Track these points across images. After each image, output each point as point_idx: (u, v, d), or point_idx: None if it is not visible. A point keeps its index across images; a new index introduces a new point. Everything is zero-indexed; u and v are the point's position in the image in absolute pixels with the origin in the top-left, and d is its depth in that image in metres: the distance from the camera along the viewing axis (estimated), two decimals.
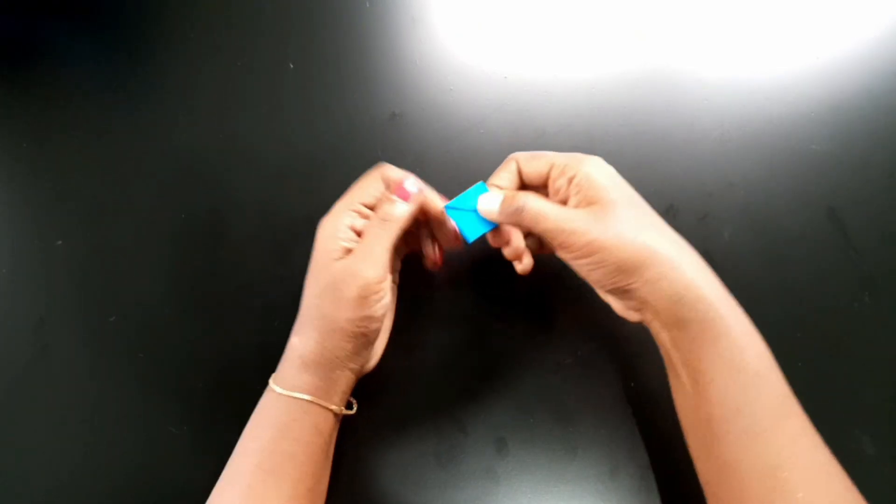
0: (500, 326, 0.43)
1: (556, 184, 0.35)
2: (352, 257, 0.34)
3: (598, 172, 0.34)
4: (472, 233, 0.37)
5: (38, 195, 0.47)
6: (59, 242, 0.45)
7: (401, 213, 0.35)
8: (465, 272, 0.43)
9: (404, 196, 0.35)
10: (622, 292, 0.34)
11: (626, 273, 0.32)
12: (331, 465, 0.37)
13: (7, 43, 0.51)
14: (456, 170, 0.44)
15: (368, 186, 0.36)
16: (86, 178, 0.47)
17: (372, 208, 0.36)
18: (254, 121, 0.47)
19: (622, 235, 0.32)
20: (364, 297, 0.33)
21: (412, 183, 0.36)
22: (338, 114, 0.47)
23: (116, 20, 0.51)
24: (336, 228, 0.35)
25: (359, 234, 0.36)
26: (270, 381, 0.36)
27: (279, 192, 0.46)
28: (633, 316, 0.36)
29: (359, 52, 0.49)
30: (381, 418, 0.40)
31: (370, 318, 0.34)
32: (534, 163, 0.36)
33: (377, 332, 0.36)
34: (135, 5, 0.51)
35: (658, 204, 0.44)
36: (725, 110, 0.46)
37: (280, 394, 0.35)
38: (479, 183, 0.37)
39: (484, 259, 0.44)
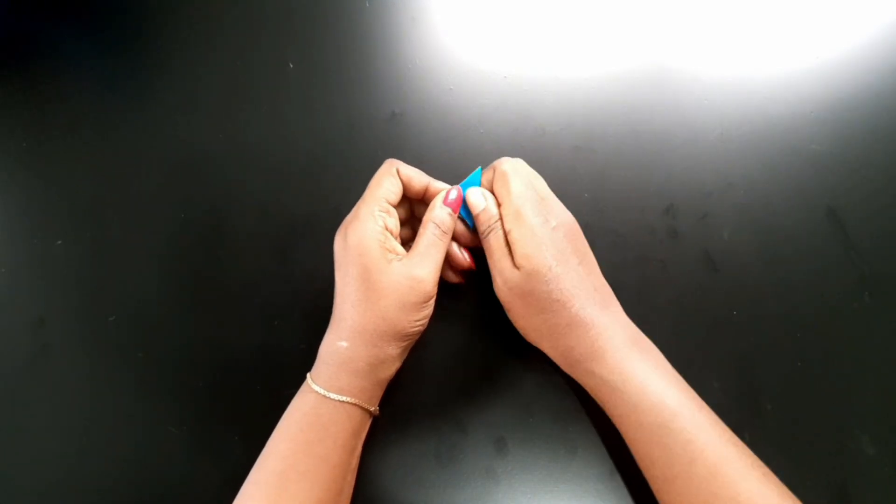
0: (500, 326, 0.42)
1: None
2: (412, 263, 0.35)
3: (527, 241, 0.35)
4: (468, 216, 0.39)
5: (38, 195, 0.47)
6: (59, 242, 0.45)
7: (453, 223, 0.37)
8: (464, 271, 0.43)
9: (456, 208, 0.37)
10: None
11: (527, 335, 0.38)
12: (358, 465, 0.37)
13: (7, 42, 0.51)
14: (456, 169, 0.44)
15: (388, 184, 0.37)
16: (86, 178, 0.47)
17: (393, 205, 0.37)
18: (253, 120, 0.47)
19: (528, 309, 0.36)
20: (425, 302, 0.35)
21: (455, 193, 0.38)
22: (338, 113, 0.47)
23: (116, 20, 0.51)
24: (375, 231, 0.35)
25: (391, 232, 0.37)
26: (310, 381, 0.36)
27: (279, 192, 0.46)
28: None
29: (359, 52, 0.49)
30: (381, 418, 0.40)
31: (426, 318, 0.36)
32: (496, 186, 0.37)
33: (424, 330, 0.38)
34: (135, 5, 0.51)
35: (658, 203, 0.44)
36: (725, 110, 0.46)
37: (323, 396, 0.35)
38: (478, 169, 0.38)
39: (483, 259, 0.44)
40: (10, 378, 0.43)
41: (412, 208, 0.41)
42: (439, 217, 0.37)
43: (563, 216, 0.36)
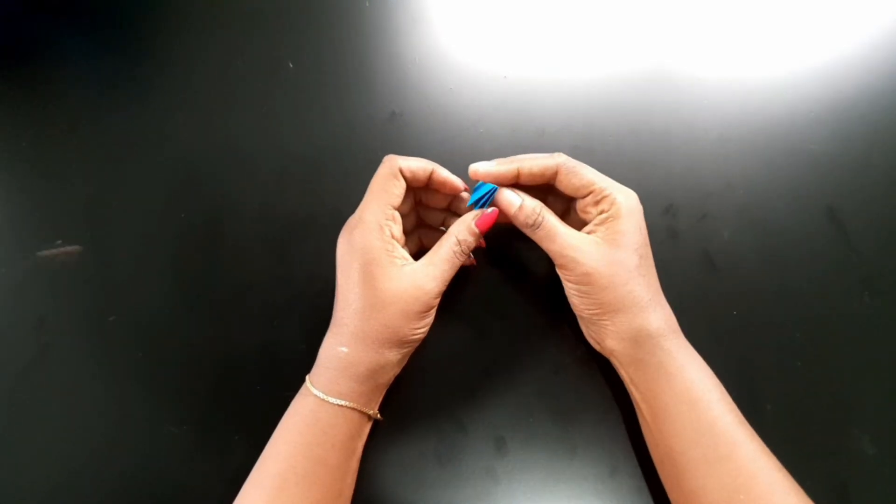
0: (500, 326, 0.43)
1: (587, 206, 0.37)
2: (423, 273, 0.35)
3: (627, 217, 0.35)
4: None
5: (37, 195, 0.47)
6: (59, 242, 0.45)
7: (476, 244, 0.37)
8: (464, 271, 0.43)
9: (484, 229, 0.37)
10: (591, 322, 0.37)
11: (602, 310, 0.36)
12: (358, 468, 0.37)
13: (6, 43, 0.51)
14: (455, 169, 0.44)
15: (393, 188, 0.36)
16: (85, 178, 0.47)
17: (398, 208, 0.37)
18: (253, 120, 0.47)
19: (615, 279, 0.35)
20: (426, 311, 0.36)
21: (490, 215, 0.37)
22: (338, 113, 0.47)
23: (116, 20, 0.51)
24: (382, 240, 0.35)
25: (398, 241, 0.36)
26: (309, 385, 0.36)
27: (279, 192, 0.46)
28: (595, 345, 0.39)
29: (359, 52, 0.49)
30: (383, 421, 0.40)
31: (428, 325, 0.37)
32: (573, 178, 0.37)
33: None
34: (134, 5, 0.51)
35: (658, 204, 0.44)
36: (725, 110, 0.46)
37: (321, 399, 0.35)
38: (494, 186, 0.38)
39: (484, 258, 0.44)
40: (10, 378, 0.43)
41: (414, 199, 0.40)
42: (464, 236, 0.36)
43: (634, 193, 0.37)
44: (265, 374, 0.42)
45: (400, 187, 0.36)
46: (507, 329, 0.42)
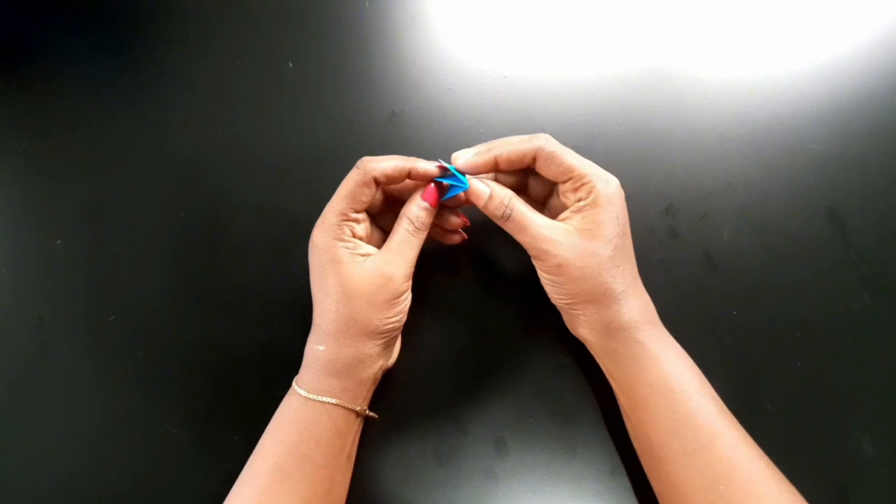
0: (500, 325, 0.43)
1: (567, 192, 0.36)
2: (383, 260, 0.35)
3: (605, 206, 0.35)
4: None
5: (37, 195, 0.47)
6: (59, 242, 0.45)
7: (430, 217, 0.37)
8: (463, 271, 0.43)
9: (432, 201, 0.36)
10: (565, 311, 0.38)
11: (574, 300, 0.36)
12: (352, 468, 0.38)
13: (6, 42, 0.51)
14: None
15: (358, 194, 0.36)
16: (85, 178, 0.47)
17: (363, 212, 0.37)
18: (253, 120, 0.47)
19: (586, 271, 0.34)
20: (395, 299, 0.35)
21: (431, 191, 0.37)
22: (337, 113, 0.47)
23: (116, 19, 0.51)
24: (339, 237, 0.35)
25: (358, 238, 0.36)
26: (294, 384, 0.36)
27: (279, 192, 0.46)
28: (573, 332, 0.39)
29: (358, 52, 0.49)
30: (380, 418, 0.40)
31: (402, 314, 0.36)
32: (551, 164, 0.36)
33: (402, 326, 0.37)
34: (134, 5, 0.51)
35: (658, 203, 0.44)
36: (725, 110, 0.46)
37: (305, 397, 0.35)
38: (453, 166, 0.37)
39: (483, 258, 0.44)
40: (10, 378, 0.43)
41: (390, 198, 0.40)
42: (414, 213, 0.36)
43: (616, 179, 0.36)
44: (265, 374, 0.42)
45: (368, 195, 0.36)
46: (507, 329, 0.42)
